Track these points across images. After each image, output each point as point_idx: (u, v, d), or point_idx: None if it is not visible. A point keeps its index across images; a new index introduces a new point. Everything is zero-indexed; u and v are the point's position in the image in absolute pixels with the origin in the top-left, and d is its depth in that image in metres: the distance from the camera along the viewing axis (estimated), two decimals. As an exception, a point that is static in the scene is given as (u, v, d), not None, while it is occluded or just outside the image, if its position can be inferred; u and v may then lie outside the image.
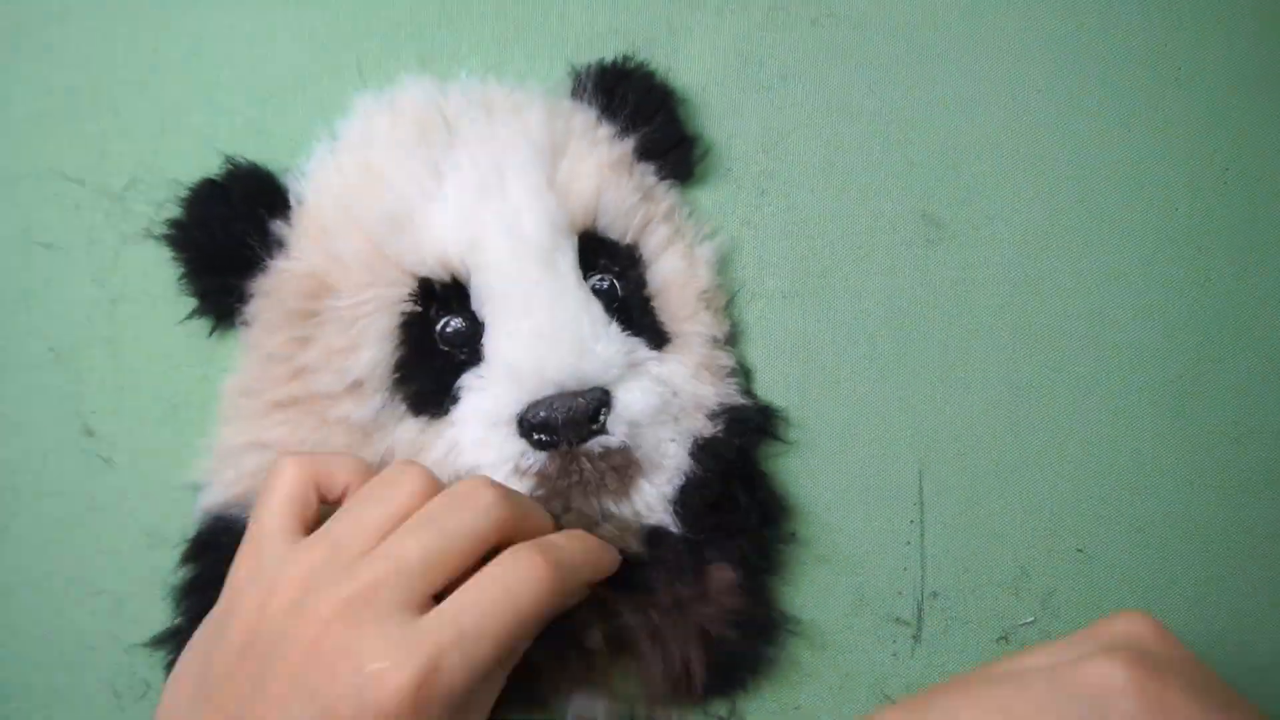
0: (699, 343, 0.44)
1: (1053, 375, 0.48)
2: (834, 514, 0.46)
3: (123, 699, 0.42)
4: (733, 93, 0.47)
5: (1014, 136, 0.49)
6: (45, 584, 0.42)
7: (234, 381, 0.42)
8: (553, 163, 0.42)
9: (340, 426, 0.40)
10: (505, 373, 0.39)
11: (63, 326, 0.42)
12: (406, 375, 0.40)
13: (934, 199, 0.48)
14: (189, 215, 0.41)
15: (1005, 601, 0.47)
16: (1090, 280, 0.49)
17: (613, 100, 0.45)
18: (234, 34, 0.44)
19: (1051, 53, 0.49)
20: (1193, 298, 0.49)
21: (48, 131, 0.43)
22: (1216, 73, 0.50)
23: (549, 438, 0.39)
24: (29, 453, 0.42)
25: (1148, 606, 0.48)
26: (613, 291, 0.43)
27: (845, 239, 0.47)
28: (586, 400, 0.39)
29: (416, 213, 0.40)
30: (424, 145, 0.42)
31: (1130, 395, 0.49)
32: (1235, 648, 0.48)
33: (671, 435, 0.42)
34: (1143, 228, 0.49)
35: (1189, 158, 0.50)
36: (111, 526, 0.42)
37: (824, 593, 0.46)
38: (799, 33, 0.48)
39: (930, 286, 0.48)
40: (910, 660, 0.46)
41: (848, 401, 0.47)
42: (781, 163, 0.47)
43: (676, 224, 0.45)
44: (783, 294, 0.47)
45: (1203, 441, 0.49)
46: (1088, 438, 0.48)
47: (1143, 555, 0.48)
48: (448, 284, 0.40)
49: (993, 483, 0.47)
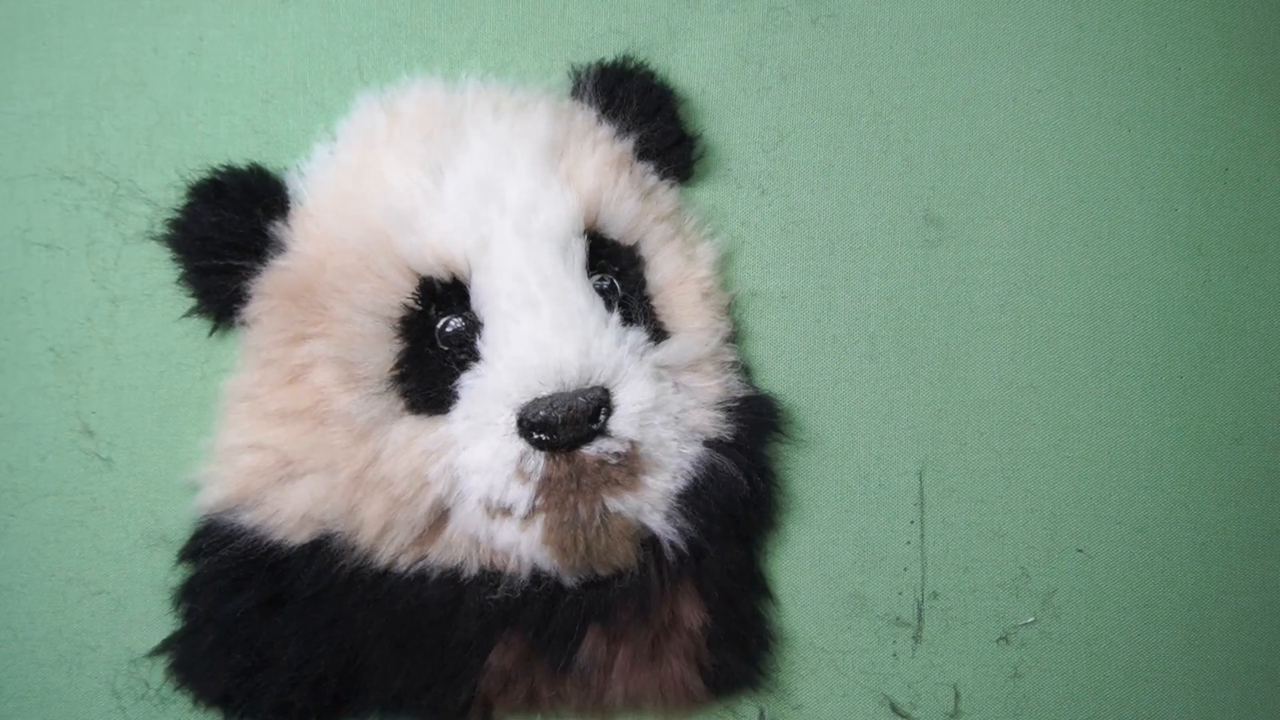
0: (700, 341, 0.44)
1: (1053, 375, 0.48)
2: (834, 514, 0.46)
3: (122, 698, 0.42)
4: (733, 93, 0.47)
5: (1014, 136, 0.49)
6: (45, 584, 0.42)
7: (233, 382, 0.42)
8: (555, 162, 0.42)
9: (339, 426, 0.40)
10: (506, 372, 0.39)
11: (63, 326, 0.42)
12: (405, 374, 0.40)
13: (934, 199, 0.48)
14: (188, 216, 0.41)
15: (1005, 601, 0.47)
16: (1090, 280, 0.49)
17: (613, 100, 0.45)
18: (234, 34, 0.44)
19: (1051, 53, 0.49)
20: (1193, 298, 0.49)
21: (48, 132, 0.43)
22: (1216, 73, 0.50)
23: (549, 437, 0.39)
24: (29, 453, 0.42)
25: (1147, 606, 0.48)
26: (613, 291, 0.43)
27: (845, 239, 0.47)
28: (586, 400, 0.39)
29: (417, 213, 0.40)
30: (425, 145, 0.42)
31: (1130, 395, 0.49)
32: (1234, 647, 0.48)
33: (673, 434, 0.42)
34: (1143, 228, 0.49)
35: (1189, 158, 0.50)
36: (111, 526, 0.42)
37: (824, 593, 0.46)
38: (799, 33, 0.48)
39: (930, 286, 0.48)
40: (911, 660, 0.46)
41: (848, 401, 0.47)
42: (781, 163, 0.47)
43: (677, 224, 0.45)
44: (783, 294, 0.47)
45: (1202, 442, 0.49)
46: (1087, 438, 0.48)
47: (1142, 555, 0.48)
48: (448, 283, 0.40)
49: (993, 483, 0.47)
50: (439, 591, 0.41)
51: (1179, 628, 0.48)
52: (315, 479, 0.40)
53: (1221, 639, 0.48)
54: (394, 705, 0.42)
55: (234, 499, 0.41)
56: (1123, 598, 0.48)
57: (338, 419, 0.40)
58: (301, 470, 0.41)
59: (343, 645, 0.41)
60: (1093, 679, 0.48)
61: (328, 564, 0.41)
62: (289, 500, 0.40)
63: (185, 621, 0.41)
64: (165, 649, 0.41)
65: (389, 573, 0.41)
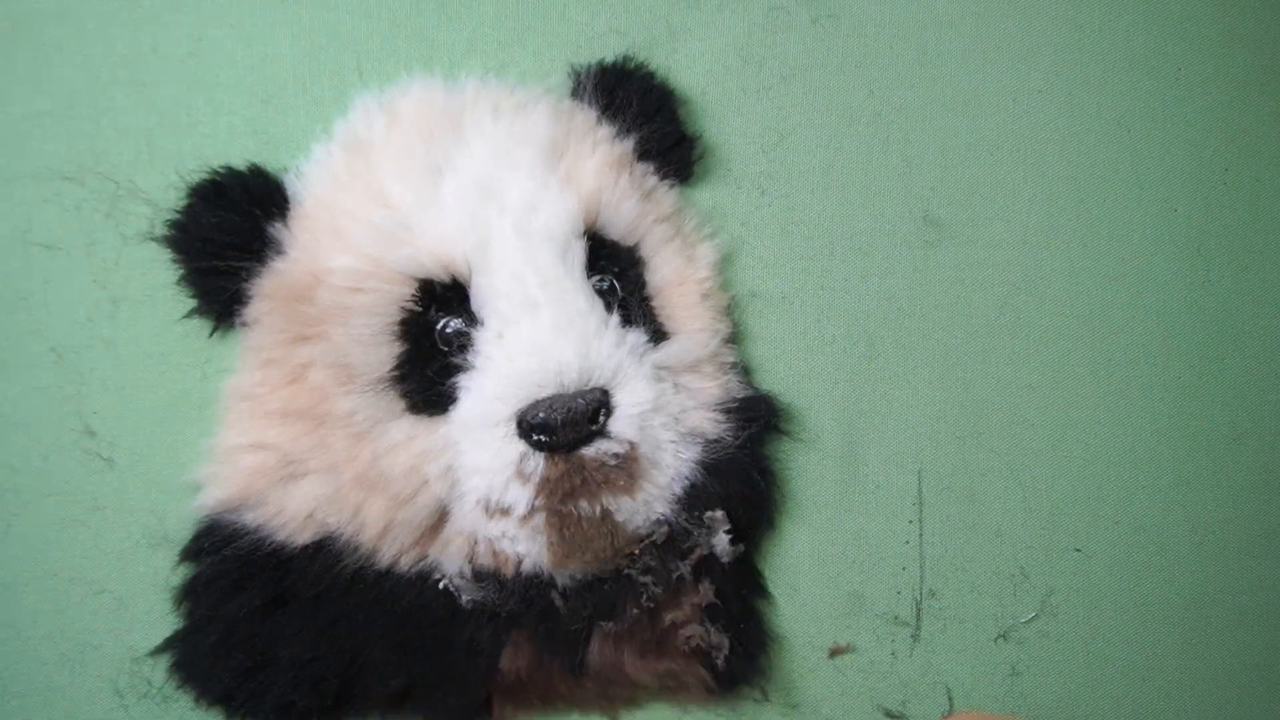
0: (699, 342, 0.44)
1: (1051, 375, 0.48)
2: (833, 513, 0.46)
3: (125, 697, 0.42)
4: (733, 93, 0.47)
5: (1014, 137, 0.49)
6: (47, 583, 0.42)
7: (234, 382, 0.42)
8: (555, 163, 0.42)
9: (339, 426, 0.40)
10: (506, 372, 0.39)
11: (63, 327, 0.42)
12: (405, 375, 0.40)
13: (934, 199, 0.48)
14: (188, 216, 0.41)
15: (1004, 601, 0.47)
16: (1089, 281, 0.49)
17: (613, 100, 0.45)
18: (234, 34, 0.44)
19: (1051, 53, 0.49)
20: (1192, 298, 0.49)
21: (47, 132, 0.43)
22: (1216, 73, 0.50)
23: (548, 438, 0.39)
24: (30, 453, 0.42)
25: (1146, 605, 0.48)
26: (613, 291, 0.43)
27: (845, 239, 0.47)
28: (586, 401, 0.39)
29: (416, 214, 0.40)
30: (425, 145, 0.41)
31: (1129, 395, 0.49)
32: (1233, 647, 0.49)
33: (672, 435, 0.42)
34: (1142, 228, 0.49)
35: (1189, 158, 0.50)
36: (112, 526, 0.42)
37: (823, 592, 0.46)
38: (799, 33, 0.48)
39: (930, 287, 0.48)
40: (909, 659, 0.46)
41: (847, 401, 0.47)
42: (781, 163, 0.47)
43: (676, 224, 0.45)
44: (783, 294, 0.47)
45: (1201, 441, 0.49)
46: (1086, 437, 0.48)
47: (1141, 555, 0.48)
48: (448, 284, 0.40)
49: (992, 482, 0.48)
50: (440, 591, 0.41)
51: (1177, 627, 0.48)
52: (317, 479, 0.41)
53: (1220, 638, 0.49)
54: (398, 705, 0.42)
55: (236, 499, 0.41)
56: (1121, 597, 0.48)
57: (338, 419, 0.40)
58: (303, 470, 0.41)
59: (345, 645, 0.41)
60: (1091, 678, 0.48)
61: (330, 564, 0.41)
62: (291, 500, 0.41)
63: (187, 620, 0.41)
64: (167, 648, 0.41)
65: (391, 573, 0.41)
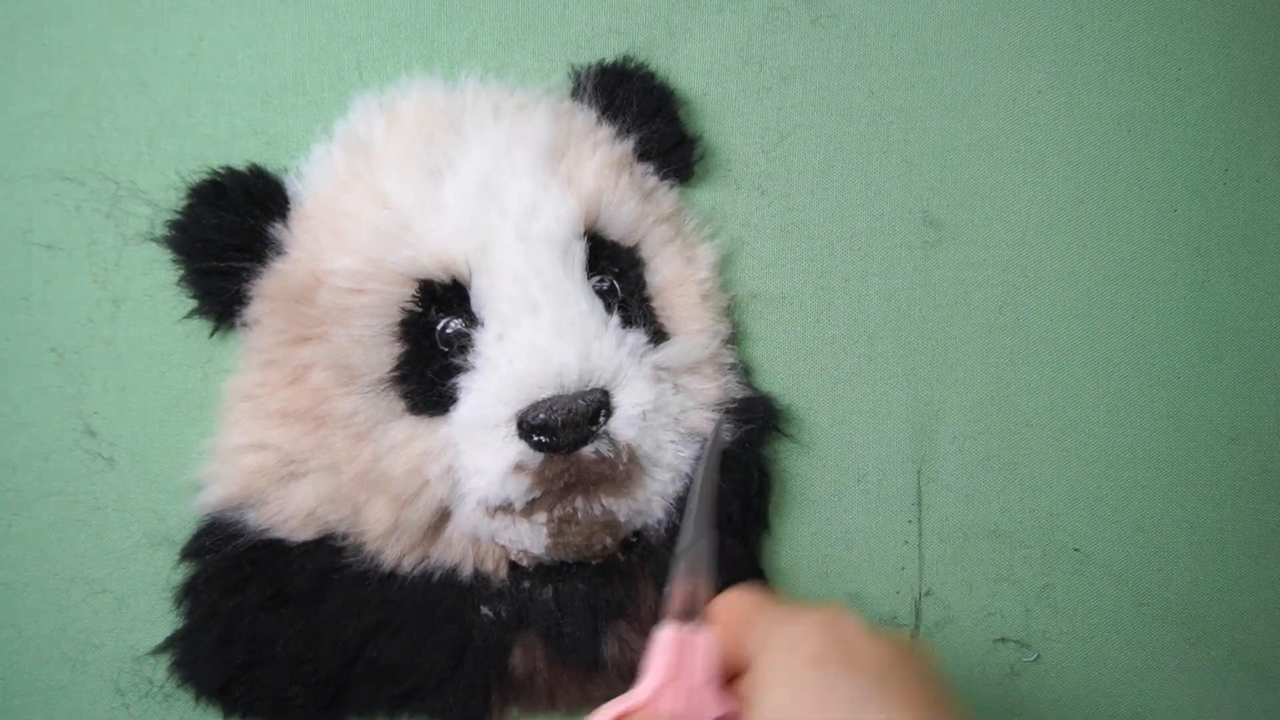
0: (699, 343, 0.44)
1: (1050, 375, 0.48)
2: (833, 513, 0.47)
3: (126, 695, 0.42)
4: (733, 93, 0.47)
5: (1014, 137, 0.49)
6: (48, 583, 0.42)
7: (235, 383, 0.42)
8: (556, 164, 0.42)
9: (339, 427, 0.40)
10: (506, 373, 0.39)
11: (63, 327, 0.42)
12: (405, 375, 0.40)
13: (934, 199, 0.48)
14: (188, 217, 0.41)
15: (1003, 600, 0.47)
16: (1089, 281, 0.49)
17: (613, 101, 0.45)
18: (234, 34, 0.44)
19: (1051, 54, 0.49)
20: (1191, 298, 0.50)
21: (48, 132, 0.43)
22: (1216, 73, 0.50)
23: (548, 439, 0.39)
24: (31, 453, 0.42)
25: (1143, 604, 0.48)
26: (613, 292, 0.43)
27: (845, 239, 0.47)
28: (586, 402, 0.39)
29: (417, 215, 0.40)
30: (425, 146, 0.41)
31: (1127, 395, 0.49)
32: (1230, 645, 0.49)
33: (672, 435, 0.42)
34: (1142, 228, 0.49)
35: (1189, 158, 0.50)
36: (113, 525, 0.42)
37: (822, 591, 0.46)
38: (799, 33, 0.48)
39: (929, 287, 0.48)
40: (907, 659, 0.46)
41: (846, 401, 0.47)
42: (781, 163, 0.47)
43: (677, 225, 0.45)
44: (783, 294, 0.47)
45: (1199, 441, 0.49)
46: (1085, 437, 0.48)
47: (1139, 554, 0.48)
48: (448, 285, 0.40)
49: (991, 482, 0.48)
50: (442, 591, 0.41)
51: (1175, 626, 0.49)
52: (318, 478, 0.41)
53: (1218, 637, 0.49)
54: (403, 705, 0.42)
55: (236, 498, 0.41)
56: (1119, 596, 0.48)
57: (339, 420, 0.40)
58: (304, 470, 0.41)
59: (345, 643, 0.41)
60: (1089, 676, 0.48)
61: (331, 562, 0.41)
62: (292, 499, 0.41)
63: (188, 619, 0.41)
64: (168, 646, 0.41)
65: (392, 572, 0.41)
